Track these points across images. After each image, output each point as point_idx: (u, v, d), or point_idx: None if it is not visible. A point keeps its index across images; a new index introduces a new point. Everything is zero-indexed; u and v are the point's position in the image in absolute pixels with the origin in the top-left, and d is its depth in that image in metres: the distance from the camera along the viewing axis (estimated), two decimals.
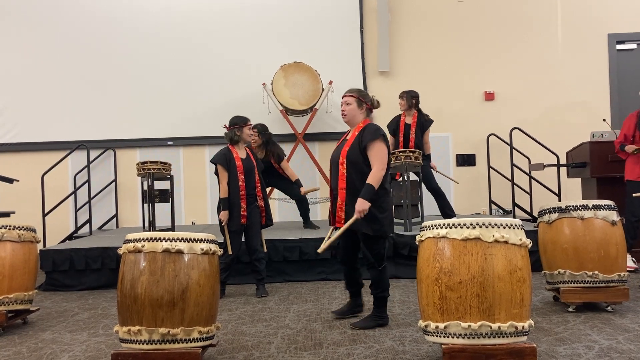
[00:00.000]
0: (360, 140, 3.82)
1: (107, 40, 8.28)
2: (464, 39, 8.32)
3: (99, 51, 8.27)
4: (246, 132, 5.16)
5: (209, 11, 8.28)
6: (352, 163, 3.80)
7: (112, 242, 6.17)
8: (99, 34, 8.28)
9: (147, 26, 8.26)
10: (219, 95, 8.12)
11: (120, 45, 8.25)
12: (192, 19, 8.27)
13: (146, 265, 3.15)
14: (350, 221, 3.74)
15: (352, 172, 3.80)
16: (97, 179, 8.03)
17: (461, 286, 2.92)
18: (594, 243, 4.07)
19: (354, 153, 3.81)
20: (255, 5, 8.29)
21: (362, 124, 3.94)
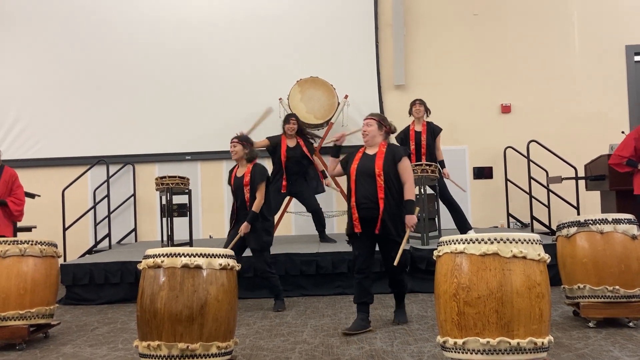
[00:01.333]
0: (394, 155, 4.23)
1: (127, 57, 8.42)
2: (479, 52, 8.33)
3: (118, 67, 8.41)
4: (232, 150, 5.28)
5: (227, 26, 8.40)
6: (388, 175, 4.17)
7: (130, 256, 6.23)
8: (119, 50, 8.42)
9: (166, 42, 8.39)
10: (236, 110, 8.19)
11: (140, 61, 8.39)
12: (210, 34, 8.39)
13: (165, 281, 3.18)
14: (406, 236, 4.19)
15: (389, 183, 4.17)
16: (117, 194, 8.13)
17: (479, 302, 2.90)
18: (614, 257, 4.03)
19: (389, 167, 4.19)
20: (272, 20, 8.39)
21: (385, 143, 4.34)
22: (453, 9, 8.40)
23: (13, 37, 8.45)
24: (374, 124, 4.35)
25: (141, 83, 8.38)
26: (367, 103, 8.25)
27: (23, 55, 8.45)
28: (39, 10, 8.46)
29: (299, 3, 8.43)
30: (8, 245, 4.18)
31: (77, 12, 8.46)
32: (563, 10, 8.32)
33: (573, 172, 7.11)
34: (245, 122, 8.04)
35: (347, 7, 8.41)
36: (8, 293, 4.10)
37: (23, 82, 8.40)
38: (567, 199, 7.40)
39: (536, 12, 8.33)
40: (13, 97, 8.37)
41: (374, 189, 4.15)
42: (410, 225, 4.17)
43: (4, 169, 5.53)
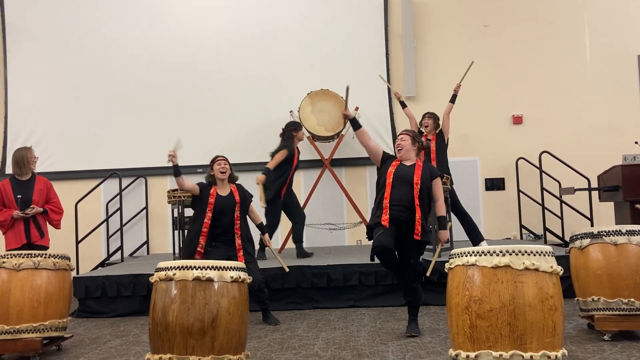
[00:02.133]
0: (431, 172, 4.51)
1: (140, 73, 8.51)
2: (490, 63, 8.32)
3: (131, 83, 8.50)
4: (215, 169, 5.18)
5: (237, 41, 8.46)
6: (424, 185, 4.41)
7: (143, 269, 6.26)
8: (132, 66, 8.52)
9: (176, 54, 8.47)
10: (247, 123, 8.25)
11: (152, 76, 8.48)
12: (221, 50, 8.46)
13: (177, 294, 3.20)
14: (438, 249, 4.57)
15: (423, 193, 4.41)
16: (129, 207, 8.18)
17: (492, 314, 2.89)
18: (628, 269, 3.99)
19: (426, 179, 4.45)
20: (282, 34, 8.45)
21: (420, 160, 4.61)
22: (463, 21, 8.41)
23: (29, 54, 8.58)
24: (407, 139, 4.57)
25: (153, 98, 8.46)
26: (378, 115, 8.28)
27: (38, 72, 8.56)
28: (55, 29, 8.58)
29: (308, 17, 8.48)
30: (22, 258, 4.22)
31: (90, 30, 8.56)
32: (574, 21, 8.31)
33: (586, 183, 7.05)
34: (257, 135, 8.12)
35: (357, 19, 8.45)
36: (22, 306, 4.13)
37: (38, 98, 8.51)
38: (580, 210, 7.34)
39: (547, 23, 8.32)
40: (28, 111, 8.48)
41: (411, 195, 4.36)
42: (443, 240, 4.47)
43: (36, 177, 5.51)
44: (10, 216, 5.28)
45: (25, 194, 5.33)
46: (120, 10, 8.59)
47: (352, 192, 7.94)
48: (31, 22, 8.61)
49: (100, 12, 8.59)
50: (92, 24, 8.57)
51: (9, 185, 5.36)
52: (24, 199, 5.31)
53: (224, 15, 8.53)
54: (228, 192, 5.12)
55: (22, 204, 5.29)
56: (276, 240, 8.04)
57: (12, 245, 5.30)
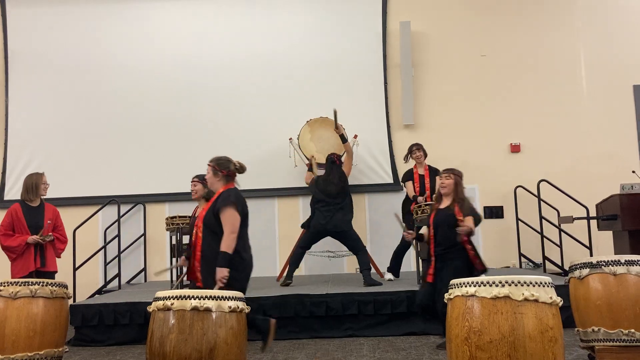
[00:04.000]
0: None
1: (136, 97, 8.57)
2: (488, 92, 8.40)
3: (130, 107, 8.55)
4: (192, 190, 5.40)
5: (236, 69, 8.54)
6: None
7: (140, 297, 6.21)
8: (130, 90, 8.58)
9: (174, 81, 8.54)
10: (247, 150, 8.25)
11: (149, 101, 8.53)
12: (220, 76, 8.53)
13: (175, 323, 3.18)
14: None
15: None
16: (127, 233, 8.16)
17: (491, 346, 2.87)
18: (628, 300, 3.96)
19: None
20: (282, 61, 8.54)
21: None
22: (461, 50, 8.52)
23: (30, 81, 8.65)
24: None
25: (152, 124, 8.50)
26: (377, 142, 8.32)
27: (39, 98, 8.62)
28: (55, 56, 8.66)
29: (307, 45, 8.57)
30: (19, 286, 4.19)
31: (90, 57, 8.63)
32: (570, 51, 8.41)
33: (584, 212, 7.06)
34: (256, 162, 8.14)
35: (356, 48, 8.55)
36: (18, 335, 4.08)
37: (38, 124, 8.55)
38: (579, 238, 7.33)
39: (543, 53, 8.42)
40: (27, 138, 8.51)
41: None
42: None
43: (45, 205, 5.51)
44: (25, 242, 5.23)
45: (36, 221, 5.31)
46: (120, 37, 8.68)
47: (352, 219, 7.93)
48: (33, 49, 8.69)
49: (100, 39, 8.68)
50: (92, 51, 8.66)
51: (20, 210, 5.34)
52: (36, 225, 5.28)
53: (224, 43, 8.63)
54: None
55: (32, 230, 5.27)
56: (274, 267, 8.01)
57: (19, 273, 5.23)
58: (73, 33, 8.71)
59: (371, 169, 8.28)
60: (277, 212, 8.29)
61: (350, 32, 8.58)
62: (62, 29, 8.72)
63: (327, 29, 8.63)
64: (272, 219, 8.29)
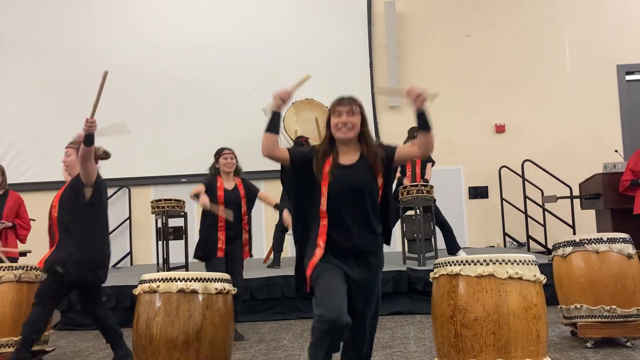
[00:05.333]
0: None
1: (120, 78, 8.42)
2: (472, 73, 8.41)
3: (111, 91, 8.34)
4: (222, 162, 5.06)
5: (221, 49, 8.46)
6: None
7: (126, 280, 6.19)
8: (113, 73, 8.38)
9: (160, 64, 8.45)
10: (232, 132, 8.19)
11: (133, 83, 8.44)
12: (204, 59, 8.45)
13: (161, 306, 3.17)
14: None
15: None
16: (112, 217, 7.97)
17: (476, 324, 2.90)
18: (610, 277, 4.03)
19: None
20: (267, 44, 8.47)
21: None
22: (446, 31, 8.50)
23: (11, 65, 8.51)
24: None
25: (136, 107, 8.41)
26: None
27: (20, 82, 8.49)
28: (35, 40, 8.55)
29: (292, 28, 8.52)
30: (3, 271, 4.17)
31: (72, 41, 8.55)
32: (554, 32, 8.43)
33: (568, 191, 7.14)
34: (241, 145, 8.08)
35: (341, 30, 8.50)
36: (3, 320, 4.07)
37: (19, 109, 8.43)
38: (563, 217, 7.42)
39: (528, 33, 8.44)
40: (9, 122, 8.39)
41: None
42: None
43: (9, 193, 5.59)
44: None
45: None
46: (102, 21, 8.57)
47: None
48: (16, 33, 8.53)
49: (82, 23, 8.56)
50: (73, 35, 8.53)
51: None
52: None
53: (209, 26, 8.54)
54: (233, 186, 4.98)
55: None
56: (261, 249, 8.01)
57: None
58: (54, 16, 8.56)
59: None
60: None
61: (335, 13, 8.52)
62: (42, 14, 8.56)
63: (312, 10, 8.57)
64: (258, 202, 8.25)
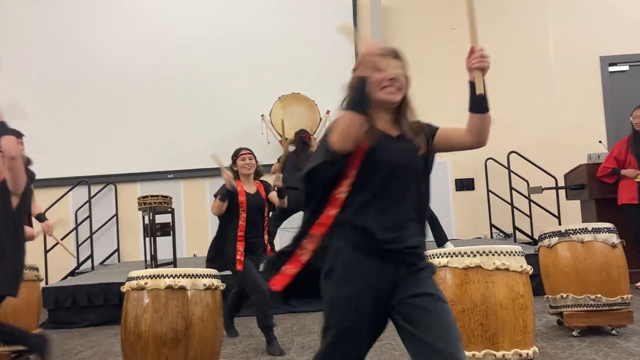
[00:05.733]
0: None
1: (105, 75, 8.39)
2: (457, 65, 8.35)
3: (97, 86, 8.38)
4: (240, 164, 4.56)
5: (205, 45, 8.40)
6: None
7: (114, 277, 6.17)
8: (97, 69, 8.39)
9: (145, 60, 8.38)
10: (219, 128, 8.19)
11: (119, 80, 8.36)
12: (191, 53, 8.39)
13: (149, 303, 3.16)
14: None
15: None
16: (99, 214, 8.05)
17: (464, 315, 2.93)
18: (595, 266, 4.08)
19: None
20: (254, 39, 8.42)
21: None
22: (430, 24, 8.51)
23: None
24: None
25: (122, 103, 8.35)
26: None
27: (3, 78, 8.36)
28: (19, 32, 8.43)
29: (278, 21, 8.48)
30: None
31: (57, 36, 8.43)
32: (538, 23, 8.48)
33: (553, 182, 7.20)
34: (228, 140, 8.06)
35: (327, 23, 8.43)
36: None
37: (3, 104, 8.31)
38: (548, 208, 7.48)
39: (512, 25, 8.47)
40: None
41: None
42: None
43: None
44: None
45: None
46: (90, 16, 8.47)
47: None
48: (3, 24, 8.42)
49: (69, 19, 8.45)
50: (56, 31, 8.42)
51: None
52: None
53: (194, 20, 8.48)
54: (255, 190, 4.58)
55: None
56: None
57: None
58: (42, 12, 8.45)
59: None
60: None
61: (321, 7, 8.49)
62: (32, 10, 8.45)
63: (297, 4, 8.53)
64: None
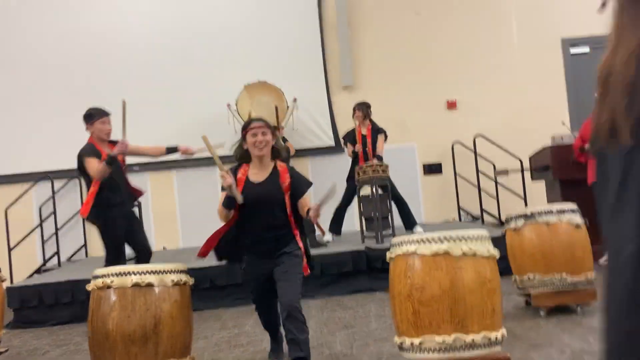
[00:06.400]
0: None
1: (67, 67, 8.17)
2: (423, 50, 8.45)
3: (58, 80, 8.15)
4: (249, 142, 3.48)
5: (171, 34, 8.24)
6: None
7: (81, 274, 6.03)
8: (59, 57, 8.16)
9: (109, 50, 8.18)
10: (184, 118, 8.06)
11: (81, 71, 8.15)
12: (154, 43, 8.22)
13: (116, 301, 3.11)
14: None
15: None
16: (64, 210, 7.88)
17: (433, 301, 2.94)
18: (560, 247, 4.16)
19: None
20: (218, 26, 8.29)
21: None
22: (395, 10, 8.50)
23: None
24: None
25: (83, 94, 8.11)
26: (317, 105, 8.27)
27: None
28: None
29: (243, 9, 8.36)
30: None
31: (13, 24, 8.15)
32: (501, 6, 8.54)
33: (519, 164, 7.30)
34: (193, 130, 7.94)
35: (292, 10, 8.39)
36: None
37: None
38: (515, 190, 7.59)
39: (475, 9, 8.51)
40: None
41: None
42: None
43: None
44: None
45: None
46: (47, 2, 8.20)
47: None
48: None
49: (25, 5, 8.18)
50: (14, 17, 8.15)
51: None
52: None
53: (158, 9, 8.30)
54: (265, 178, 3.48)
55: None
56: None
57: None
58: None
59: (312, 132, 8.24)
60: (219, 180, 8.11)
61: None
62: None
63: None
64: (214, 188, 8.14)
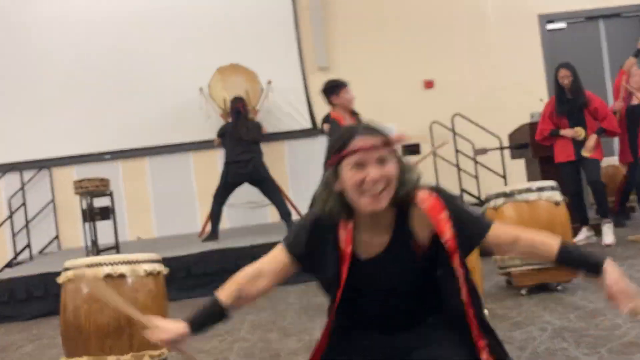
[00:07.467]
0: None
1: (34, 53, 7.91)
2: (399, 30, 8.35)
3: (26, 66, 7.89)
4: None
5: (141, 19, 8.02)
6: None
7: (54, 266, 5.84)
8: (24, 48, 7.90)
9: (76, 35, 7.94)
10: (155, 104, 7.87)
11: (48, 57, 7.90)
12: (125, 28, 8.00)
13: (88, 293, 3.00)
14: None
15: None
16: (34, 201, 7.68)
17: None
18: (540, 224, 4.09)
19: None
20: (187, 8, 8.08)
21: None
22: None
23: None
24: None
25: (52, 82, 7.89)
26: (292, 88, 8.14)
27: None
28: None
29: None
30: None
31: None
32: None
33: (498, 143, 7.28)
34: (167, 116, 7.78)
35: None
36: None
37: None
38: (494, 168, 7.58)
39: None
40: None
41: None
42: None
43: None
44: None
45: None
46: None
47: (271, 167, 7.80)
48: None
49: None
50: None
51: None
52: None
53: None
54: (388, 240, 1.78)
55: None
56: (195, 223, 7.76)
57: None
58: None
59: (288, 115, 8.11)
60: (193, 166, 8.01)
61: None
62: None
63: None
64: (189, 174, 8.01)
